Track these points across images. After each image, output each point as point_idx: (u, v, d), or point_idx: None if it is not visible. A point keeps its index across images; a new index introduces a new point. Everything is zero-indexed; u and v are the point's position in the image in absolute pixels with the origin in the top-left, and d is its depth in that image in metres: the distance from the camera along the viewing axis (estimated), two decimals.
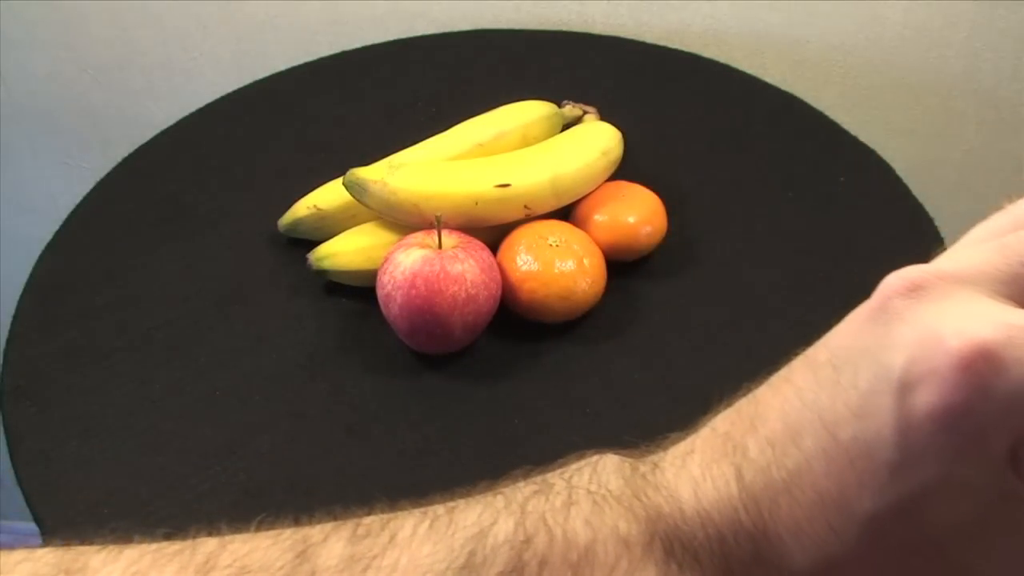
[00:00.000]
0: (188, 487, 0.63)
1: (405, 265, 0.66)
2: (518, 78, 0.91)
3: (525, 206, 0.73)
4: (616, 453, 0.30)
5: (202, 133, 0.89)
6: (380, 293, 0.68)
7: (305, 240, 0.77)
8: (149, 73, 1.10)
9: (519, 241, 0.71)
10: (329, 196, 0.76)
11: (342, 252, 0.73)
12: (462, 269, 0.66)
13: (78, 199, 0.83)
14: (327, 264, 0.73)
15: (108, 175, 0.85)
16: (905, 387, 0.25)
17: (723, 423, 0.29)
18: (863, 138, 0.87)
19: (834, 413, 0.26)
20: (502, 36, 1.00)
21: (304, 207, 0.77)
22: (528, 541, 0.28)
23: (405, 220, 0.72)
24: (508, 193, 0.72)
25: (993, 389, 0.24)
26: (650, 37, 1.00)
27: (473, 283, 0.66)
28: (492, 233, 0.72)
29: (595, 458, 0.31)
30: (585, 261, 0.71)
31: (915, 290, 0.26)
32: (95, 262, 0.77)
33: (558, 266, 0.70)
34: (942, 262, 0.27)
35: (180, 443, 0.66)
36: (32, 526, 0.62)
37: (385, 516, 0.30)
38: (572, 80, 0.91)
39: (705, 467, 0.28)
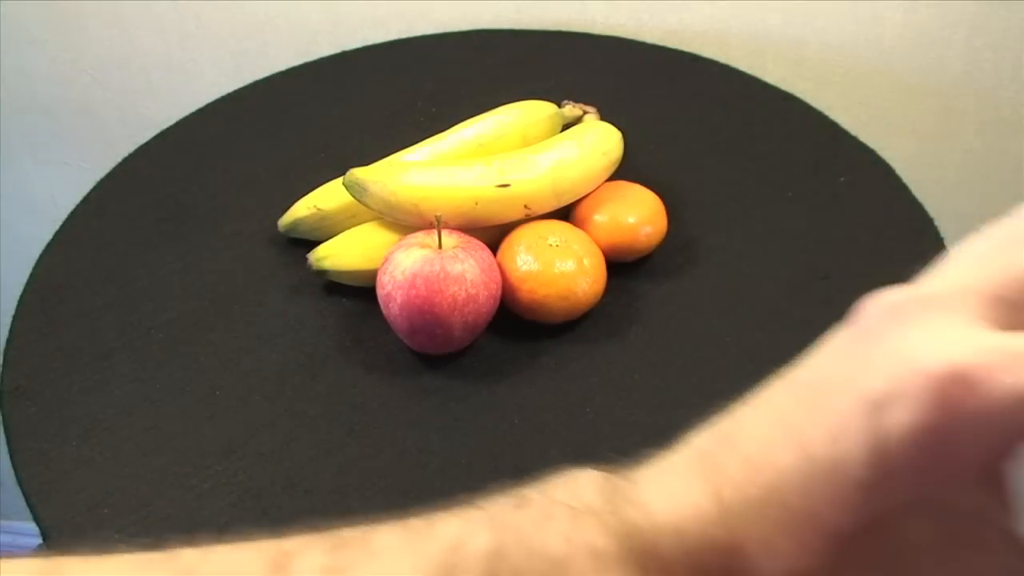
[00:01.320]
0: (188, 487, 0.63)
1: (405, 265, 0.66)
2: (518, 78, 0.91)
3: (525, 206, 0.73)
4: (596, 469, 0.31)
5: (202, 133, 0.89)
6: (380, 293, 0.68)
7: (305, 240, 0.77)
8: (149, 73, 1.10)
9: (519, 241, 0.71)
10: (329, 196, 0.76)
11: (342, 252, 0.73)
12: (462, 269, 0.66)
13: (78, 199, 0.83)
14: (327, 264, 0.73)
15: (108, 175, 0.85)
16: (880, 408, 0.25)
17: (701, 440, 0.29)
18: (863, 138, 0.87)
19: (810, 433, 0.26)
20: (502, 36, 1.00)
21: (304, 207, 0.77)
22: (503, 554, 0.28)
23: (405, 220, 0.72)
24: (508, 193, 0.72)
25: (966, 411, 0.24)
26: (650, 37, 1.00)
27: (473, 283, 0.66)
28: (492, 233, 0.72)
29: (574, 473, 0.31)
30: (585, 261, 0.71)
31: (894, 314, 0.27)
32: (95, 262, 0.77)
33: (558, 266, 0.70)
34: (923, 284, 0.28)
35: (180, 443, 0.66)
36: (32, 526, 0.62)
37: (364, 528, 0.30)
38: (572, 80, 0.91)
39: (681, 483, 0.28)
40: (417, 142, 0.78)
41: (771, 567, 0.27)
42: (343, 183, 0.73)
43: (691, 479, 0.28)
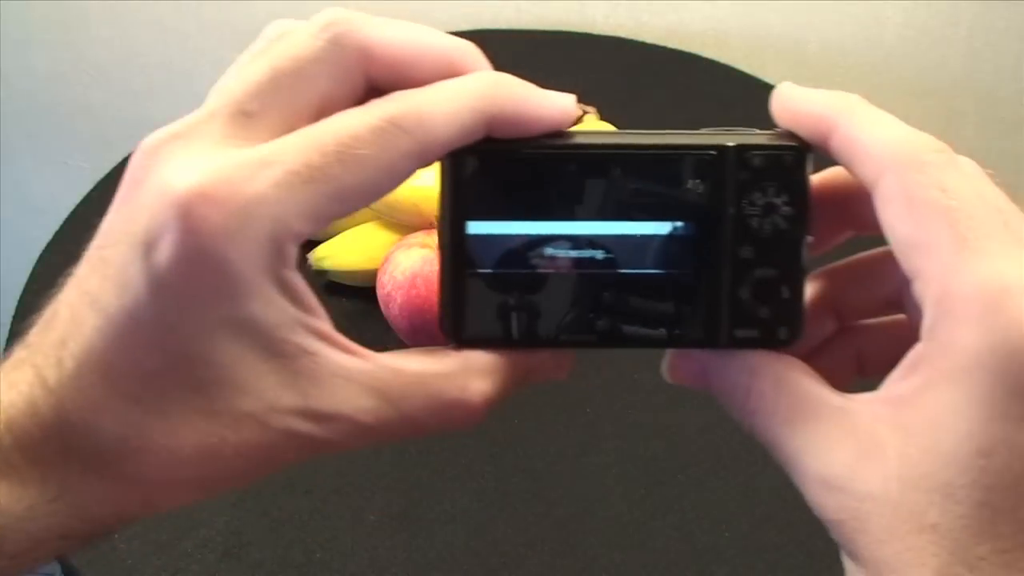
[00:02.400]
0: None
1: (405, 265, 0.66)
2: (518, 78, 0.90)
3: None
4: None
5: None
6: (380, 293, 0.68)
7: (305, 240, 0.77)
8: (149, 73, 1.10)
9: None
10: None
11: (342, 252, 0.73)
12: None
13: (78, 199, 0.83)
14: (327, 264, 0.73)
15: (108, 175, 0.85)
16: (148, 246, 0.26)
17: (29, 334, 0.30)
18: None
19: (103, 292, 0.27)
20: (502, 36, 1.00)
21: None
22: None
23: (405, 220, 0.72)
24: None
25: (217, 226, 0.26)
26: (650, 37, 1.00)
27: None
28: None
29: None
30: None
31: (151, 155, 0.28)
32: None
33: None
34: (179, 120, 0.29)
35: None
36: None
37: None
38: (572, 80, 0.91)
39: (9, 377, 0.28)
40: None
41: (104, 430, 0.27)
42: None
43: (15, 369, 0.28)
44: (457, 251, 0.31)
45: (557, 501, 0.62)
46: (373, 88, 0.29)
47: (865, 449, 0.27)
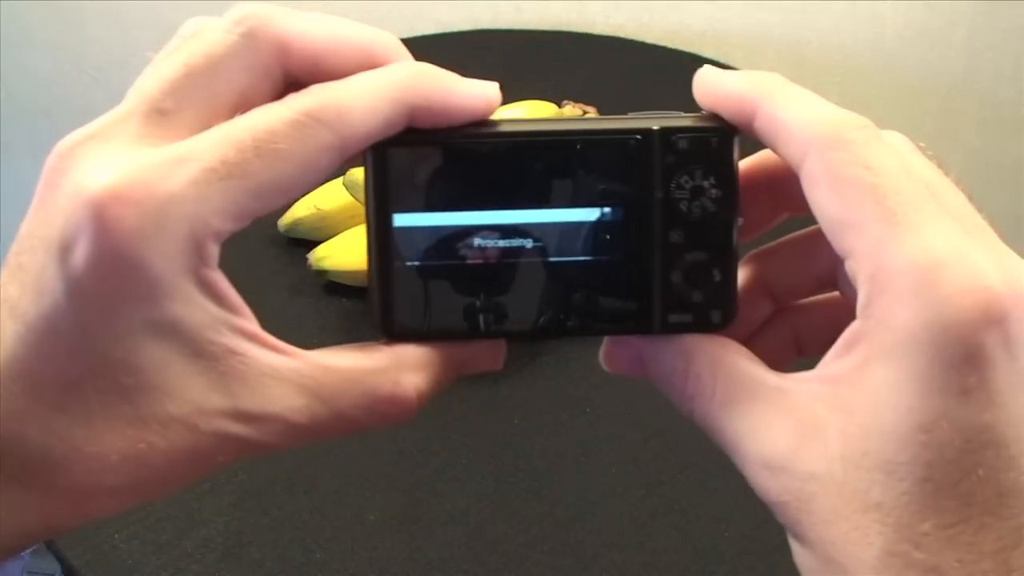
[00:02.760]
0: (188, 487, 0.63)
1: None
2: (518, 78, 0.91)
3: None
4: None
5: None
6: None
7: (305, 240, 0.77)
8: None
9: None
10: (329, 196, 0.76)
11: (342, 252, 0.73)
12: None
13: None
14: (327, 264, 0.73)
15: None
16: (65, 250, 0.26)
17: None
18: None
19: (21, 300, 0.26)
20: (502, 36, 1.00)
21: (304, 207, 0.77)
22: None
23: None
24: None
25: (131, 226, 0.25)
26: (650, 37, 1.00)
27: None
28: None
29: None
30: None
31: (65, 158, 0.27)
32: None
33: None
34: (92, 123, 0.28)
35: None
36: None
37: None
38: (572, 80, 0.91)
39: None
40: None
41: (32, 438, 0.26)
42: (343, 183, 0.73)
43: None
44: (384, 245, 0.31)
45: (557, 501, 0.62)
46: (292, 82, 0.29)
47: (805, 429, 0.27)
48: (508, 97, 0.90)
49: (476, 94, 0.30)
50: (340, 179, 0.73)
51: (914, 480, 0.25)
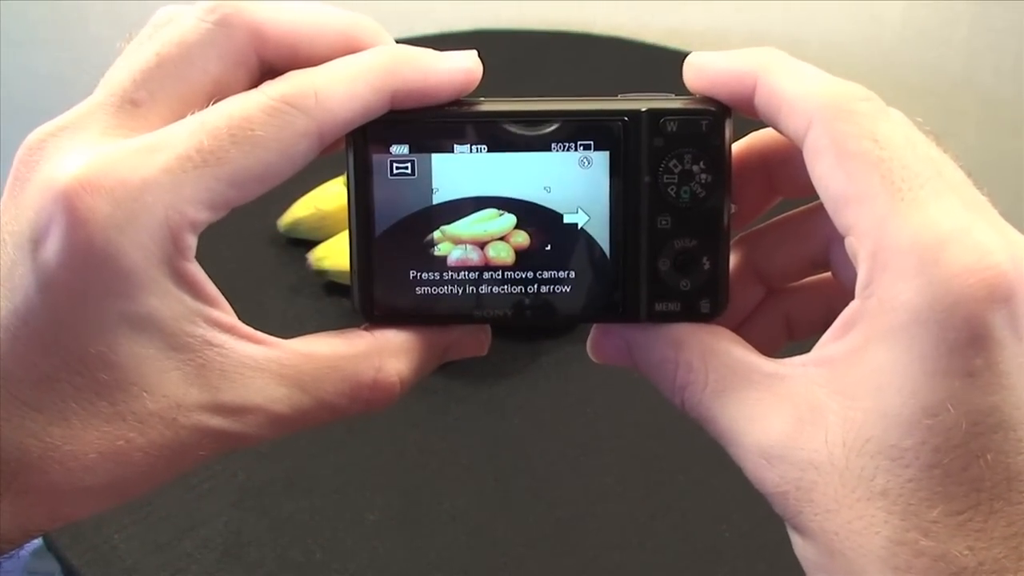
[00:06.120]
0: (188, 487, 0.63)
1: None
2: (518, 78, 0.91)
3: None
4: None
5: None
6: None
7: (305, 240, 0.77)
8: None
9: None
10: (329, 196, 0.76)
11: (342, 252, 0.73)
12: None
13: None
14: (327, 264, 0.73)
15: None
16: (35, 245, 0.25)
17: None
18: None
19: None
20: (502, 36, 1.00)
21: (304, 207, 0.77)
22: None
23: None
24: None
25: (104, 216, 0.24)
26: (650, 37, 1.00)
27: None
28: None
29: None
30: None
31: (34, 151, 0.27)
32: None
33: None
34: (61, 116, 0.28)
35: None
36: None
37: None
38: (572, 80, 0.91)
39: None
40: None
41: (7, 439, 0.26)
42: (343, 183, 0.73)
43: None
44: (365, 228, 0.30)
45: (557, 501, 0.62)
46: (269, 70, 0.28)
47: (803, 415, 0.26)
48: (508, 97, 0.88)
49: (455, 69, 0.29)
50: (340, 179, 0.73)
51: (921, 466, 0.24)
